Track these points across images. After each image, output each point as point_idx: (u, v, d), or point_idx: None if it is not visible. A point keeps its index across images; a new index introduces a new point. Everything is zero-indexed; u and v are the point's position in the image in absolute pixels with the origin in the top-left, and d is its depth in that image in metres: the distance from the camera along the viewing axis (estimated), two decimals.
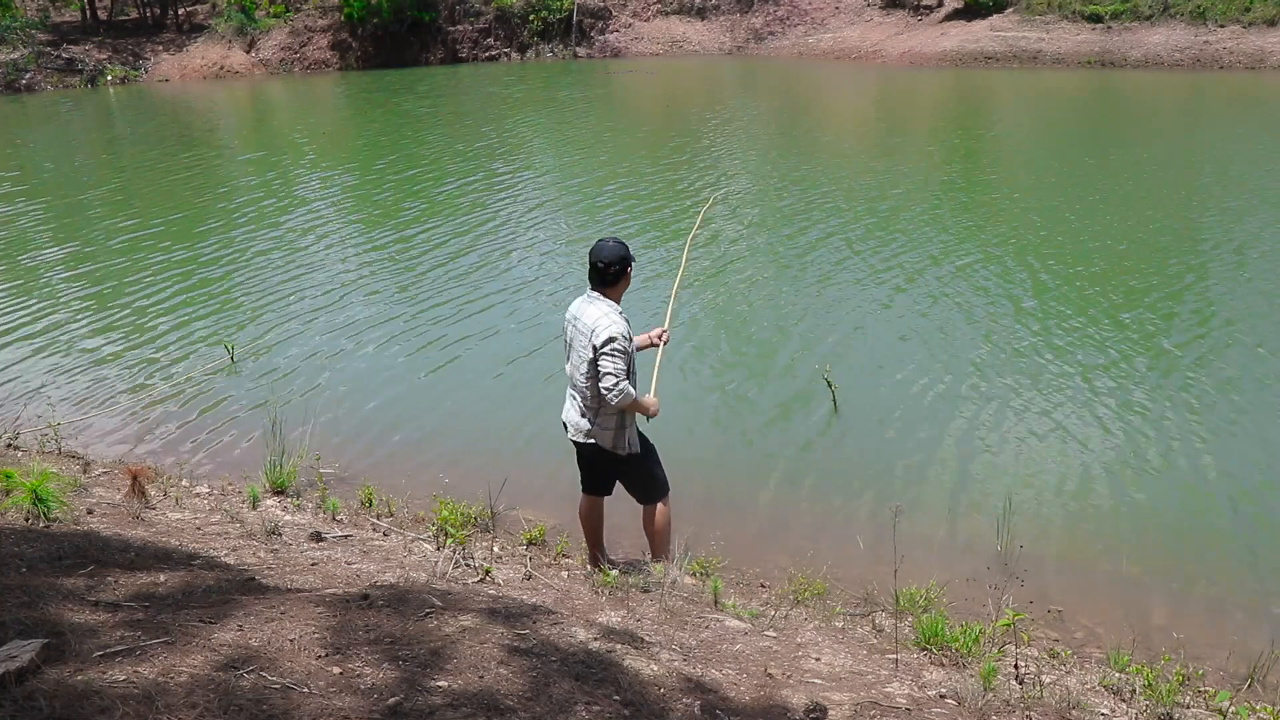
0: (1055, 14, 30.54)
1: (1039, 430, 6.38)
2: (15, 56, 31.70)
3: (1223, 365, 7.28)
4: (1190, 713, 3.49)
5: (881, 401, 6.91)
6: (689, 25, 37.47)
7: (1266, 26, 27.42)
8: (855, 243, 10.90)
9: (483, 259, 10.83)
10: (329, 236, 12.14)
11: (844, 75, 29.82)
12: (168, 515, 4.68)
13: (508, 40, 36.60)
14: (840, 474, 6.00)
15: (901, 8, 34.93)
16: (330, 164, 17.89)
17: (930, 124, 21.21)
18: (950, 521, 5.40)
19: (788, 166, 15.87)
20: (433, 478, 5.95)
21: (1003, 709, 3.08)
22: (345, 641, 2.65)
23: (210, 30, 35.41)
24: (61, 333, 8.79)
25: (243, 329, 8.73)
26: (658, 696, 2.64)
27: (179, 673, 2.29)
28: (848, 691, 3.05)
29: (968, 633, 3.82)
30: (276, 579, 3.57)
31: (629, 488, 4.63)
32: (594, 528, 4.74)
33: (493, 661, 2.63)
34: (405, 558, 4.36)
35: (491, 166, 16.45)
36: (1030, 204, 12.63)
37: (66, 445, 6.09)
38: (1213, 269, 9.57)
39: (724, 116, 21.85)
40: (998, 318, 8.43)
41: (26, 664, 2.21)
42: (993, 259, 10.14)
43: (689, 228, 11.69)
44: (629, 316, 4.33)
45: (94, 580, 3.11)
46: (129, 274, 10.57)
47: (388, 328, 8.71)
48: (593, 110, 23.73)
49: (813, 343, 8.02)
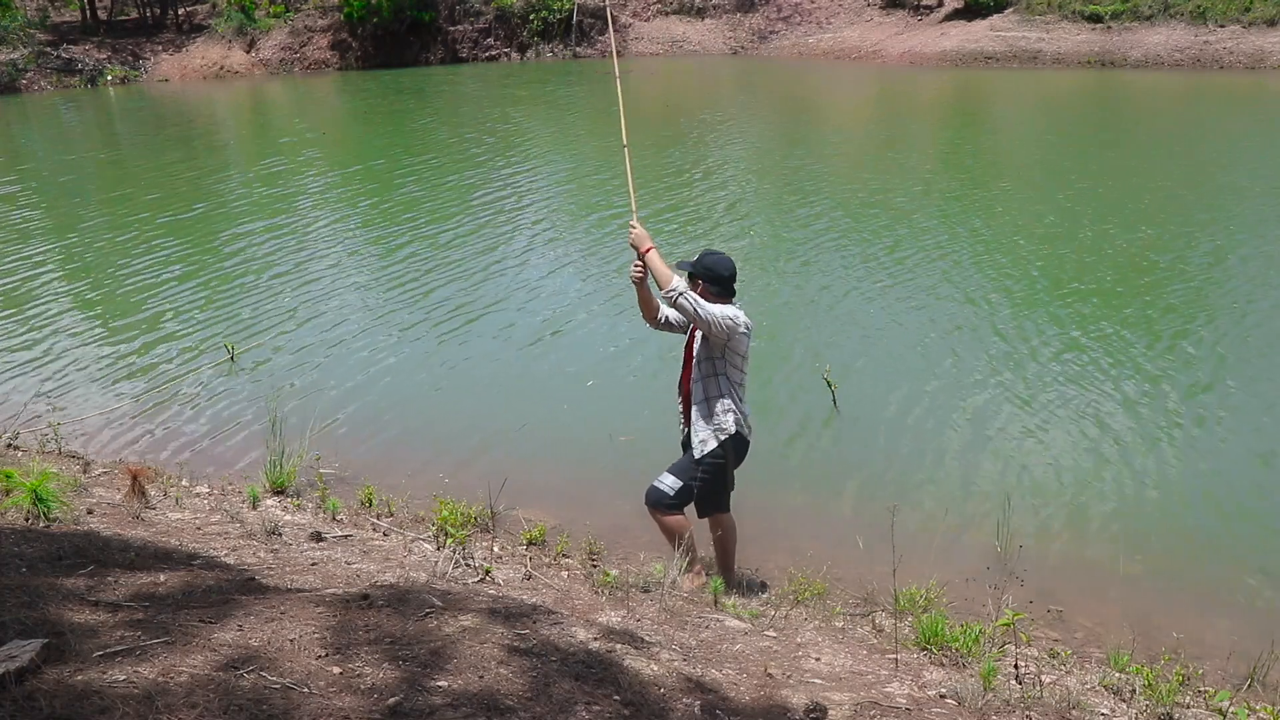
0: (1055, 14, 30.51)
1: (1039, 430, 6.38)
2: (15, 56, 31.68)
3: (1223, 366, 7.28)
4: (1190, 713, 3.49)
5: (881, 401, 6.91)
6: (689, 25, 37.43)
7: (1266, 26, 27.40)
8: (855, 242, 10.91)
9: (483, 259, 10.82)
10: (329, 236, 12.14)
11: (844, 75, 29.80)
12: (168, 515, 4.68)
13: (508, 40, 36.56)
14: (840, 474, 6.01)
15: (901, 8, 34.91)
16: (330, 164, 17.88)
17: (930, 124, 21.21)
18: (950, 521, 5.40)
19: (787, 166, 15.87)
20: (433, 478, 5.95)
21: (1003, 709, 3.08)
22: (345, 641, 2.65)
23: (210, 30, 35.36)
24: (61, 333, 8.79)
25: (243, 329, 8.72)
26: (658, 696, 2.64)
27: (179, 673, 2.29)
28: (848, 691, 3.05)
29: (968, 633, 3.82)
30: (276, 579, 3.57)
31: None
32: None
33: (493, 661, 2.63)
34: (405, 558, 4.36)
35: (492, 167, 16.45)
36: (1030, 204, 12.63)
37: (66, 445, 6.10)
38: (1214, 269, 9.56)
39: (724, 116, 21.85)
40: (998, 317, 8.43)
41: (26, 664, 2.21)
42: (993, 258, 10.14)
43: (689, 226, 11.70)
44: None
45: (94, 580, 3.11)
46: (129, 273, 10.57)
47: (388, 328, 8.71)
48: (593, 110, 23.72)
49: (813, 342, 8.02)
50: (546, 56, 35.86)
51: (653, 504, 4.52)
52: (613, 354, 7.91)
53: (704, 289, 4.36)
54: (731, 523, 4.66)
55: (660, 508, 4.49)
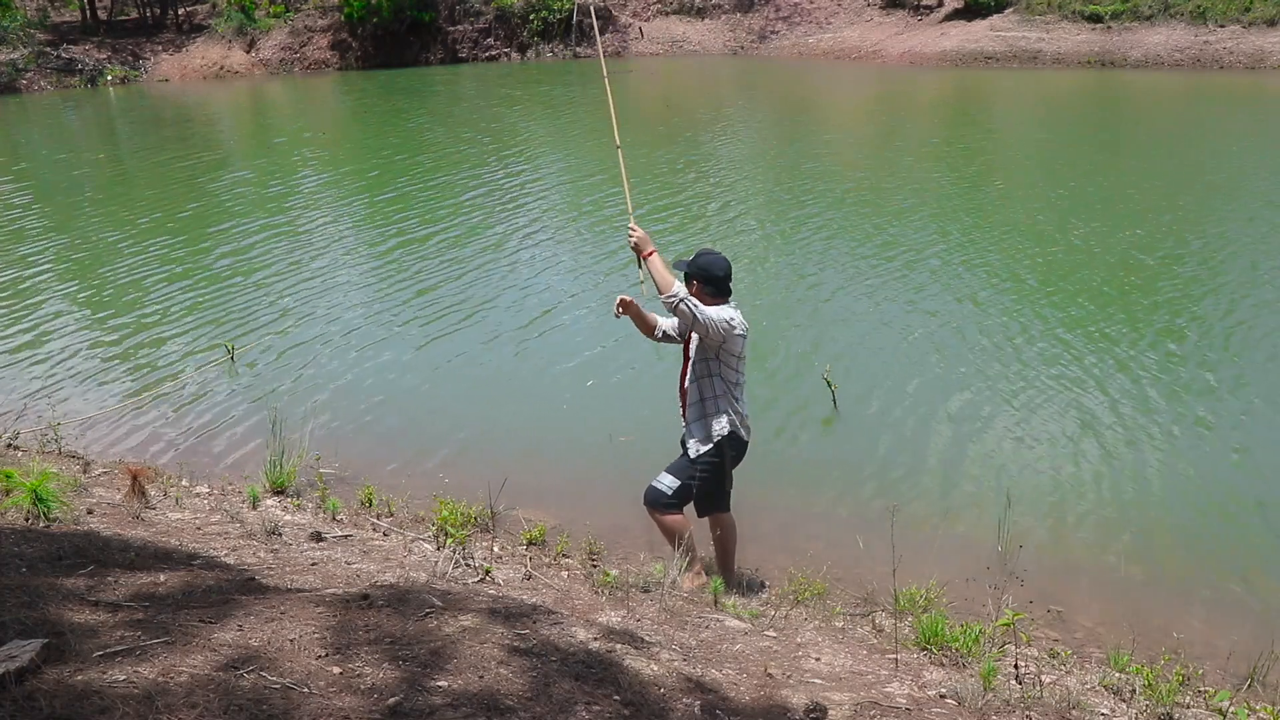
0: (1055, 14, 30.51)
1: (1039, 430, 6.38)
2: (15, 56, 31.66)
3: (1223, 366, 7.28)
4: (1190, 713, 3.49)
5: (881, 401, 6.91)
6: (689, 25, 37.43)
7: (1266, 26, 27.40)
8: (856, 242, 10.91)
9: (483, 258, 10.82)
10: (329, 236, 12.14)
11: (844, 75, 29.80)
12: (168, 515, 4.68)
13: (508, 40, 36.56)
14: (840, 474, 6.00)
15: (901, 8, 34.90)
16: (330, 164, 17.89)
17: (930, 124, 21.20)
18: (950, 521, 5.41)
19: (786, 166, 15.87)
20: (433, 478, 5.95)
21: (1003, 709, 3.08)
22: (345, 641, 2.65)
23: (210, 30, 35.36)
24: (61, 332, 8.79)
25: (242, 329, 8.72)
26: (658, 696, 2.64)
27: (179, 673, 2.29)
28: (848, 691, 3.04)
29: (968, 633, 3.82)
30: (276, 579, 3.57)
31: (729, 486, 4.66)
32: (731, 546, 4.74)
33: (493, 661, 2.63)
34: (405, 558, 4.36)
35: (493, 166, 16.45)
36: (1031, 204, 12.63)
37: (66, 445, 6.09)
38: (1215, 270, 9.56)
39: (724, 116, 21.85)
40: (999, 318, 8.43)
41: (26, 664, 2.21)
42: (993, 258, 10.14)
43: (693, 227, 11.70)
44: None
45: (94, 580, 3.11)
46: (129, 273, 10.57)
47: (388, 327, 8.71)
48: (590, 111, 23.71)
49: (813, 343, 8.02)
50: (546, 56, 35.85)
51: (651, 504, 4.52)
52: (613, 354, 7.91)
53: (699, 289, 4.35)
54: (731, 522, 4.66)
55: (658, 507, 4.49)
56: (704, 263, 4.40)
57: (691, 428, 4.47)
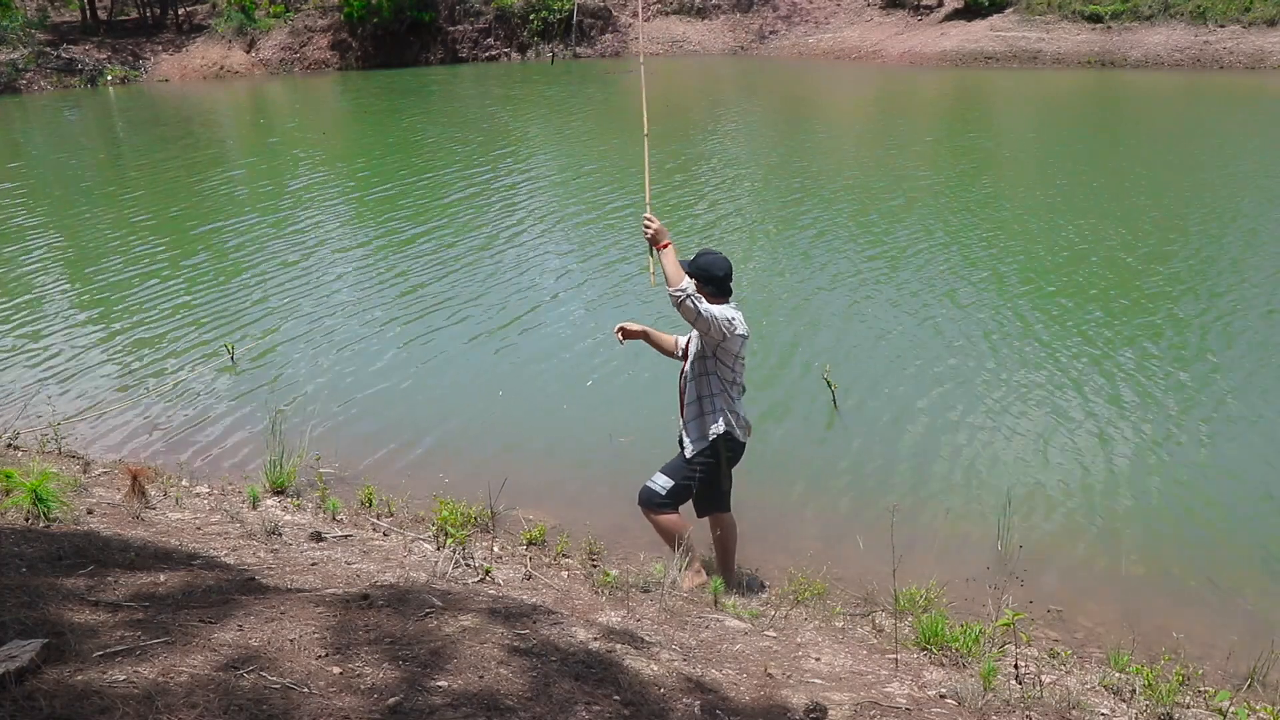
0: (1055, 14, 30.52)
1: (1039, 430, 6.38)
2: (15, 56, 31.66)
3: (1223, 366, 7.28)
4: (1190, 713, 3.49)
5: (881, 401, 6.91)
6: (689, 25, 37.43)
7: (1266, 26, 27.41)
8: (856, 242, 10.90)
9: (484, 258, 10.82)
10: (329, 236, 12.14)
11: (844, 75, 29.80)
12: (168, 515, 4.68)
13: (508, 40, 36.57)
14: (840, 474, 6.00)
15: (901, 8, 34.91)
16: (329, 164, 17.88)
17: (930, 124, 21.20)
18: (950, 521, 5.40)
19: (787, 165, 15.87)
20: (433, 477, 5.94)
21: (1003, 709, 3.08)
22: (345, 641, 2.65)
23: (210, 30, 35.37)
24: (61, 332, 8.78)
25: (243, 329, 8.72)
26: (658, 696, 2.64)
27: (179, 673, 2.29)
28: (848, 691, 3.04)
29: (968, 633, 3.82)
30: (276, 579, 3.57)
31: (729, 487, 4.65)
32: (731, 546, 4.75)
33: (493, 661, 2.63)
34: (405, 558, 4.36)
35: (493, 166, 16.45)
36: (1031, 204, 12.63)
37: (66, 445, 6.09)
38: (1215, 271, 9.57)
39: (724, 116, 21.85)
40: (999, 318, 8.43)
41: (26, 664, 2.21)
42: (994, 259, 10.14)
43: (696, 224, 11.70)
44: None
45: (94, 580, 3.11)
46: (128, 273, 10.57)
47: (388, 327, 8.71)
48: (591, 111, 23.72)
49: (813, 343, 8.02)
50: (546, 56, 35.85)
51: (644, 503, 4.52)
52: (612, 353, 7.91)
53: (699, 289, 4.36)
54: (731, 522, 4.66)
55: (652, 507, 4.50)
56: (704, 263, 4.40)
57: (688, 427, 4.47)
